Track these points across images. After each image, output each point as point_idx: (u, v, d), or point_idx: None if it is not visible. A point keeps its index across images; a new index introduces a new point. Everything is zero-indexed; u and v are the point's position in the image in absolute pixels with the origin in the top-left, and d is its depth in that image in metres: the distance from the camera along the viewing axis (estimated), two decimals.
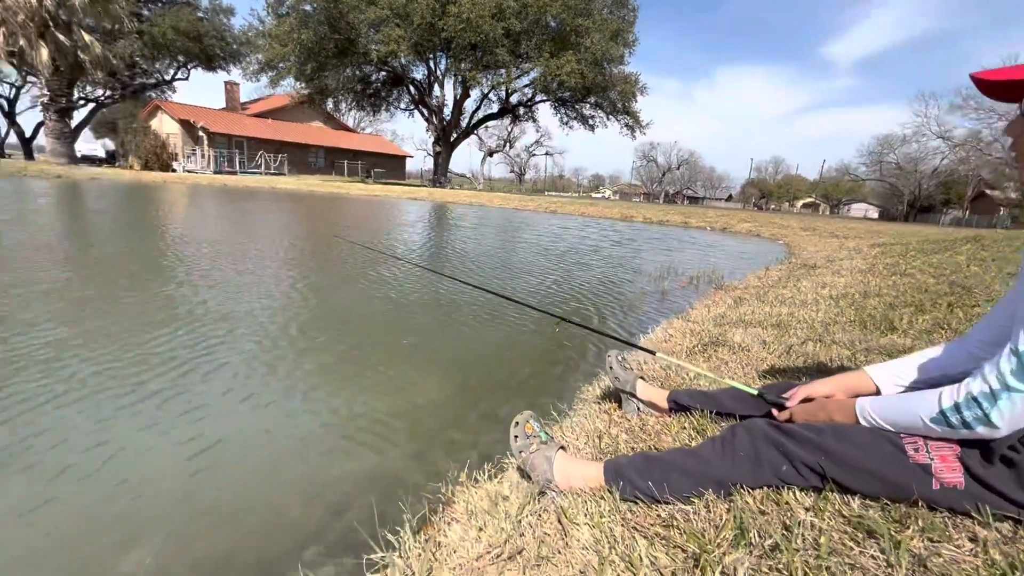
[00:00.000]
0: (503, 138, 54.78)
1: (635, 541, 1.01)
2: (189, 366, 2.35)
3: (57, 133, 24.67)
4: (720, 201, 75.99)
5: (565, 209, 19.11)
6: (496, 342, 3.08)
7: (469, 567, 1.03)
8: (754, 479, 1.07)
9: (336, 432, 1.90)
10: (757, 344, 2.35)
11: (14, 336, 2.54)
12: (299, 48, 26.88)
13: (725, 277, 5.53)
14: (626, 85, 31.21)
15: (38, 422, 1.79)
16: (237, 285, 3.96)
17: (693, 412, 1.55)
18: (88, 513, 1.39)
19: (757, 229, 14.01)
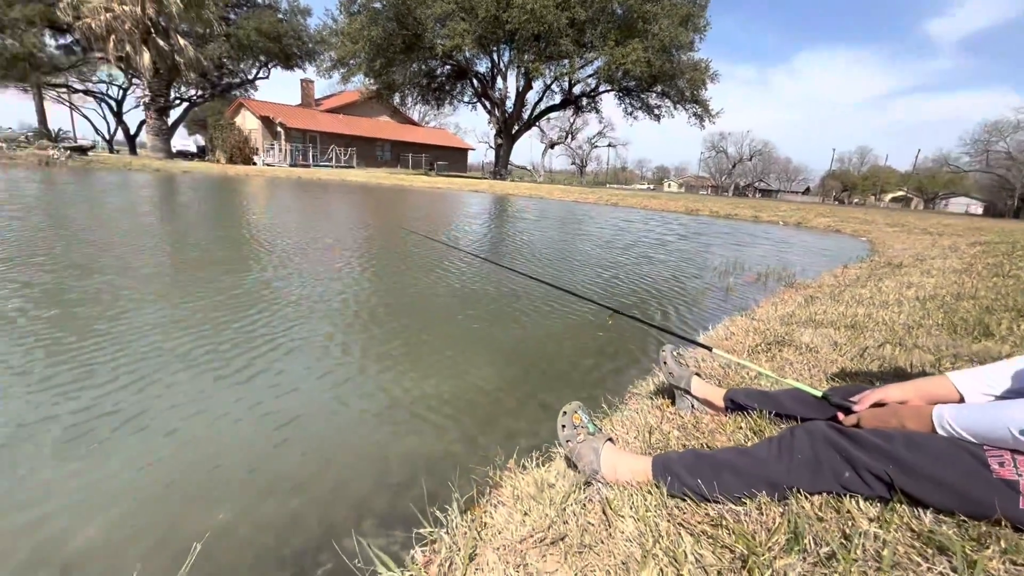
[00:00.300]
0: (565, 130, 54.29)
1: (680, 537, 0.99)
2: (271, 345, 2.54)
3: (156, 130, 27.13)
4: (796, 194, 71.32)
5: (627, 202, 18.68)
6: (551, 333, 3.09)
7: (512, 548, 1.05)
8: (812, 484, 1.02)
9: (393, 412, 1.98)
10: (827, 345, 2.21)
11: (127, 313, 2.86)
12: (369, 45, 27.91)
13: (797, 275, 5.21)
14: (695, 73, 29.90)
15: (150, 390, 2.01)
16: (314, 272, 4.21)
17: (750, 412, 1.48)
18: (181, 471, 1.55)
19: (837, 224, 13.05)
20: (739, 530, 0.97)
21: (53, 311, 2.81)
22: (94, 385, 2.00)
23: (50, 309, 2.83)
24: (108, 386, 2.00)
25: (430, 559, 1.09)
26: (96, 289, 3.26)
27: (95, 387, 1.99)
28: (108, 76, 32.36)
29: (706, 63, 30.28)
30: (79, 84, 32.24)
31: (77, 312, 2.82)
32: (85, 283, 3.38)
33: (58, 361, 2.19)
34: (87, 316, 2.76)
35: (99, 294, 3.16)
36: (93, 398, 1.90)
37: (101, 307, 2.92)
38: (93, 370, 2.12)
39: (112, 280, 3.49)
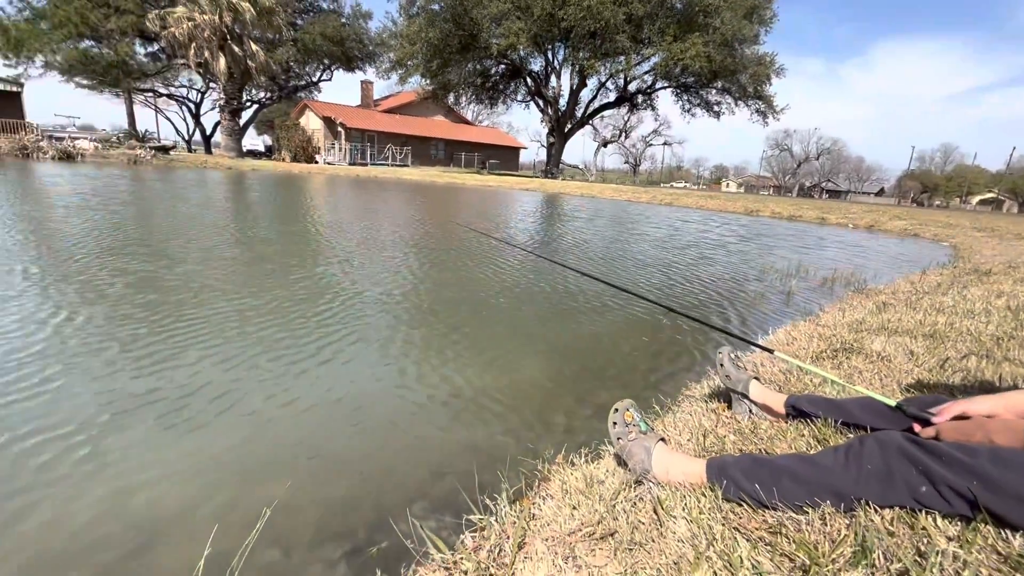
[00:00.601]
0: (618, 128, 53.36)
1: (736, 542, 0.96)
2: (337, 334, 2.66)
3: (229, 131, 28.96)
4: (868, 196, 66.74)
5: (681, 201, 18.14)
6: (604, 331, 3.06)
7: (561, 540, 1.05)
8: (883, 497, 0.96)
9: (445, 402, 2.03)
10: (902, 354, 2.06)
11: (212, 300, 3.08)
12: (426, 46, 28.57)
13: (867, 280, 4.89)
14: (759, 67, 28.60)
15: (232, 371, 2.16)
16: (373, 265, 4.37)
17: (814, 420, 1.41)
18: (251, 446, 1.66)
19: (914, 228, 12.12)
20: (800, 539, 0.93)
21: (150, 296, 3.07)
22: (183, 364, 2.18)
23: (147, 294, 3.10)
24: (196, 366, 2.17)
25: (479, 544, 1.11)
26: (186, 276, 3.54)
27: (185, 366, 2.16)
28: (188, 81, 34.88)
29: (771, 57, 28.92)
30: (163, 89, 34.90)
31: (169, 298, 3.06)
32: (175, 271, 3.67)
33: (155, 341, 2.39)
34: (176, 302, 3.00)
35: (187, 282, 3.42)
36: (183, 376, 2.07)
37: (189, 294, 3.16)
38: (184, 351, 2.31)
39: (199, 270, 3.77)
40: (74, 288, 3.12)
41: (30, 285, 3.12)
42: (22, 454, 1.53)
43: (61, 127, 32.94)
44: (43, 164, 15.19)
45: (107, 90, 30.24)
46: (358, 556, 1.24)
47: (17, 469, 1.46)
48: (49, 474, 1.45)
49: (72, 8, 24.13)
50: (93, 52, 26.61)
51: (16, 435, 1.61)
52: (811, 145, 66.89)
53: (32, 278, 3.27)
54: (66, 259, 3.80)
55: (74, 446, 1.58)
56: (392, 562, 1.19)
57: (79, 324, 2.55)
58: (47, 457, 1.52)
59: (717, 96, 32.16)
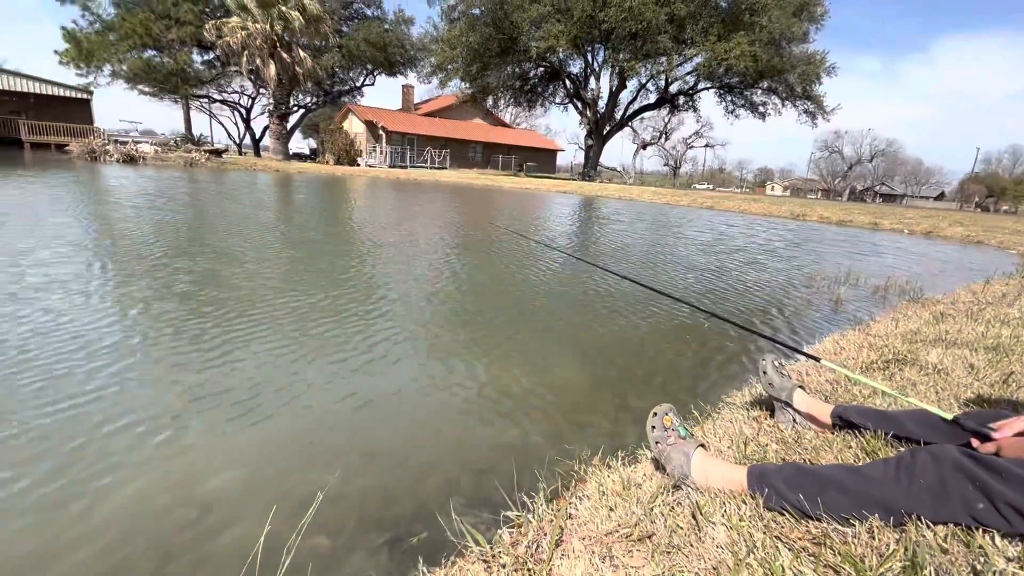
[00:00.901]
0: (658, 130, 52.47)
1: (778, 551, 0.95)
2: (371, 331, 2.75)
3: (277, 135, 30.16)
4: (926, 200, 63.16)
5: (723, 205, 17.67)
6: (644, 335, 3.03)
7: (598, 539, 1.07)
8: (936, 512, 0.93)
9: (484, 400, 2.07)
10: (961, 367, 1.96)
11: (267, 299, 3.24)
12: (466, 50, 28.92)
13: (924, 289, 4.64)
14: (809, 66, 27.48)
15: (289, 366, 2.28)
16: (417, 266, 4.48)
17: (863, 432, 1.37)
18: (302, 436, 1.74)
19: (978, 234, 11.39)
20: (846, 551, 0.91)
21: (214, 292, 3.26)
22: (246, 359, 2.31)
23: (211, 291, 3.29)
24: (256, 361, 2.30)
25: (517, 540, 1.13)
26: (245, 275, 3.73)
27: (247, 361, 2.29)
28: (240, 87, 36.55)
29: (822, 55, 27.76)
30: (217, 95, 36.70)
31: (231, 295, 3.24)
32: (236, 269, 3.87)
33: (220, 336, 2.54)
34: (237, 298, 3.16)
35: (247, 280, 3.61)
36: (247, 370, 2.20)
37: (249, 291, 3.33)
38: (246, 346, 2.45)
39: (257, 269, 3.97)
40: (146, 284, 3.35)
41: (107, 282, 3.36)
42: (108, 439, 1.66)
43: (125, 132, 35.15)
44: (109, 167, 16.25)
45: (166, 96, 32.05)
46: (400, 545, 1.29)
47: (104, 453, 1.59)
48: (130, 457, 1.57)
49: (137, 20, 25.77)
50: (155, 61, 28.29)
51: (102, 422, 1.75)
52: (864, 147, 63.88)
53: (109, 275, 3.52)
54: (138, 257, 4.07)
55: (151, 433, 1.70)
56: (432, 553, 1.23)
57: (152, 319, 2.74)
58: (128, 442, 1.64)
59: (763, 96, 31.14)
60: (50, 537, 1.25)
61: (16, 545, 1.22)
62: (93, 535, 1.26)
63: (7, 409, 1.76)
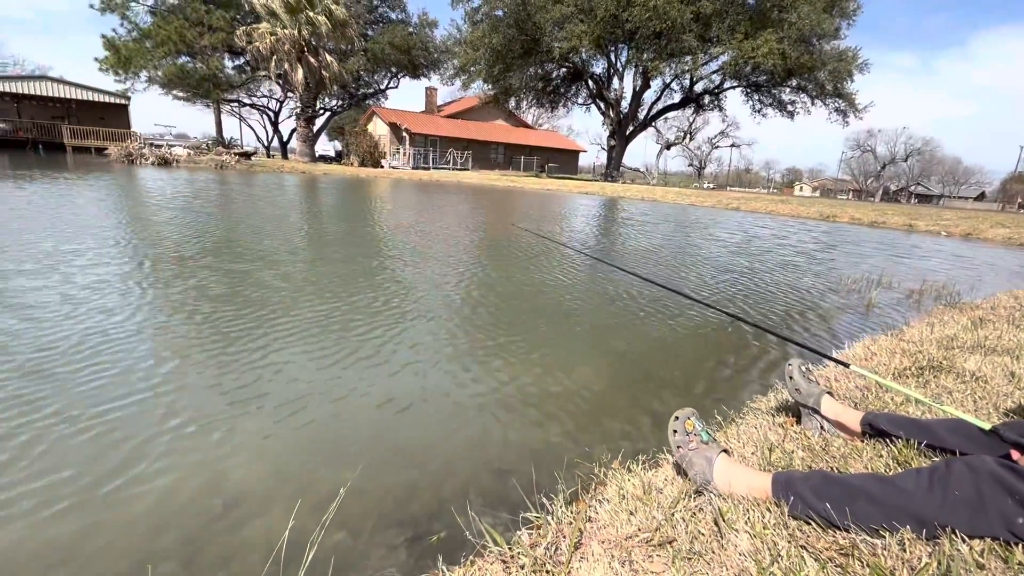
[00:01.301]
0: (683, 130, 51.73)
1: (803, 560, 0.93)
2: (395, 330, 2.79)
3: (304, 137, 30.79)
4: (966, 200, 60.75)
5: (750, 206, 17.32)
6: (667, 338, 3.00)
7: (617, 543, 1.06)
8: (971, 526, 0.89)
9: (503, 402, 2.07)
10: (1001, 375, 1.88)
11: (301, 298, 3.32)
12: (489, 52, 29.08)
13: (962, 293, 4.47)
14: (840, 63, 26.76)
15: (317, 364, 2.33)
16: (441, 267, 4.52)
17: (894, 441, 1.32)
18: (327, 432, 1.78)
19: (1022, 237, 10.90)
20: (875, 563, 0.88)
21: (248, 292, 3.35)
22: (277, 358, 2.36)
23: (245, 291, 3.39)
24: (287, 359, 2.35)
25: (536, 541, 1.13)
26: (278, 275, 3.83)
27: (277, 359, 2.35)
28: (269, 91, 37.49)
29: (853, 52, 27.01)
30: (247, 99, 37.71)
31: (264, 296, 3.32)
32: (269, 271, 3.97)
33: (252, 334, 2.61)
34: (268, 299, 3.25)
35: (280, 280, 3.70)
36: (277, 368, 2.25)
37: (280, 292, 3.42)
38: (277, 344, 2.51)
39: (289, 270, 4.07)
40: (185, 285, 3.46)
41: (149, 283, 3.49)
42: (143, 434, 1.72)
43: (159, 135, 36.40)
44: (145, 169, 16.84)
45: (199, 101, 33.08)
46: (419, 543, 1.30)
47: (138, 448, 1.65)
48: (163, 451, 1.63)
49: (172, 28, 26.70)
50: (188, 67, 29.27)
51: (138, 418, 1.82)
52: (898, 146, 61.81)
53: (150, 276, 3.66)
54: (176, 259, 4.21)
55: (183, 428, 1.76)
56: (451, 552, 1.24)
57: (187, 319, 2.83)
58: (161, 437, 1.70)
59: (791, 95, 30.46)
60: (86, 525, 1.30)
61: (52, 531, 1.28)
62: (126, 526, 1.31)
63: (40, 396, 1.84)
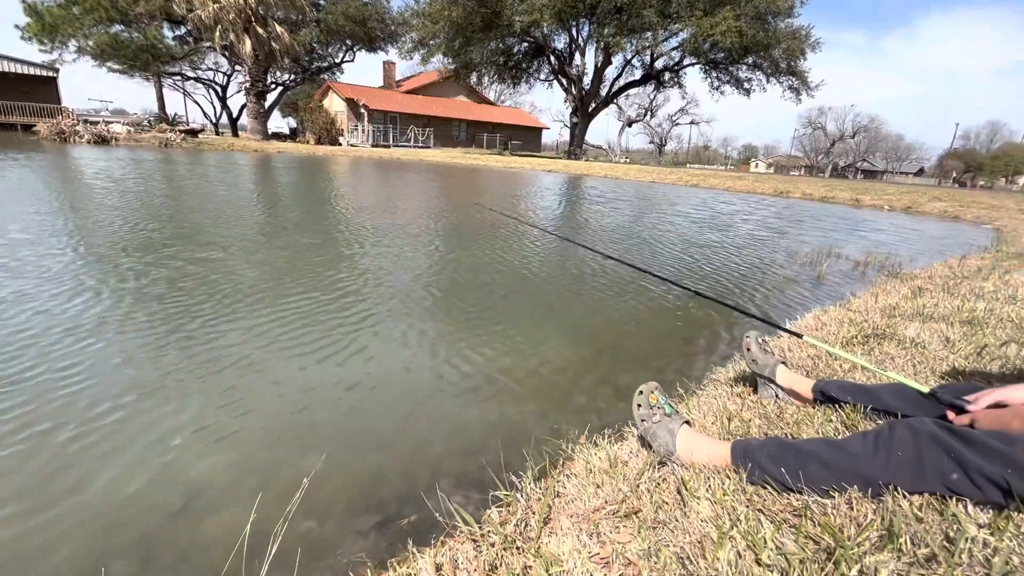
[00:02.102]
0: (644, 107, 52.06)
1: (760, 523, 0.97)
2: (358, 313, 2.73)
3: (255, 113, 29.33)
4: (907, 176, 64.06)
5: (708, 183, 17.73)
6: (627, 313, 3.05)
7: (585, 516, 1.08)
8: (913, 484, 0.95)
9: (469, 383, 2.07)
10: (937, 341, 2.01)
11: (252, 282, 3.19)
12: (449, 24, 28.20)
13: (903, 264, 4.74)
14: (794, 41, 27.37)
15: (272, 348, 2.24)
16: (404, 248, 4.43)
17: (843, 406, 1.40)
18: (286, 419, 1.73)
19: (955, 210, 11.62)
20: (825, 522, 0.93)
21: (199, 277, 3.19)
22: (227, 342, 2.27)
23: (197, 275, 3.22)
24: (238, 344, 2.26)
25: (506, 519, 1.14)
26: (232, 259, 3.65)
27: (227, 344, 2.25)
28: (215, 64, 35.35)
29: (806, 30, 27.66)
30: (191, 72, 35.44)
31: (212, 280, 3.17)
32: (219, 255, 3.79)
33: (201, 320, 2.49)
34: (218, 283, 3.10)
35: (230, 263, 3.53)
36: (227, 354, 2.16)
37: (232, 276, 3.27)
38: (226, 328, 2.40)
39: (242, 253, 3.89)
40: (131, 270, 3.26)
41: (92, 267, 3.27)
42: (87, 426, 1.62)
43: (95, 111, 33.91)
44: (80, 148, 15.68)
45: (137, 74, 30.91)
46: (389, 527, 1.29)
47: (72, 442, 1.56)
48: (110, 445, 1.54)
49: None
50: (123, 36, 27.16)
51: (80, 408, 1.71)
52: (847, 123, 64.22)
53: (97, 260, 3.42)
54: (124, 242, 3.96)
55: (133, 422, 1.67)
56: (422, 534, 1.24)
57: (135, 304, 2.67)
58: (106, 429, 1.61)
59: (748, 72, 31.03)
60: (30, 532, 1.23)
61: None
62: (75, 528, 1.24)
63: None
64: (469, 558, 1.02)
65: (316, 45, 32.29)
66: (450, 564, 1.02)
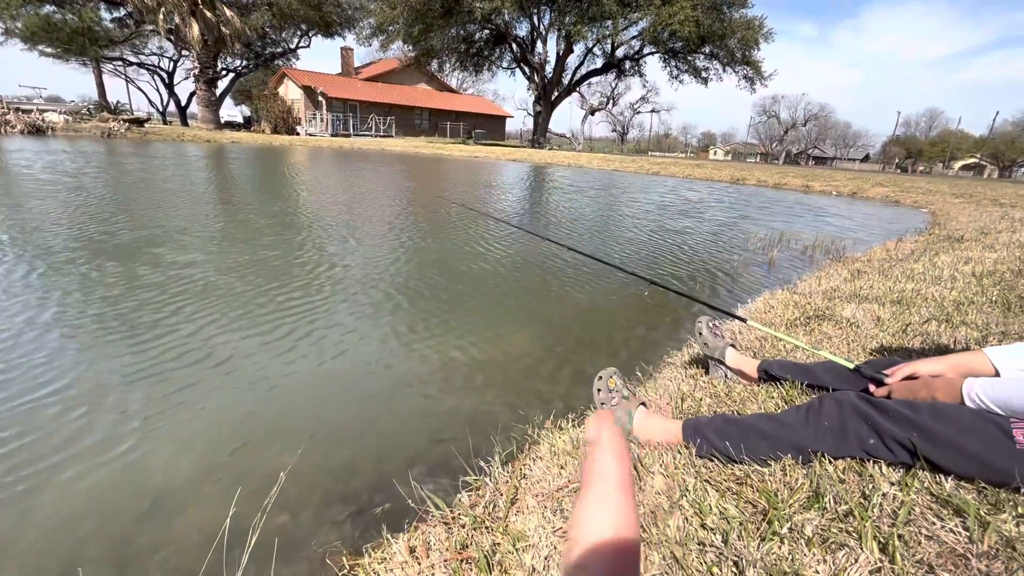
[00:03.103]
0: (606, 95, 52.48)
1: (706, 492, 1.07)
2: (325, 308, 2.72)
3: (206, 101, 28.00)
4: (853, 162, 67.07)
5: (668, 171, 18.14)
6: (586, 302, 3.15)
7: (549, 495, 1.16)
8: (837, 450, 1.07)
9: (436, 374, 2.12)
10: (869, 320, 2.18)
11: (212, 279, 3.11)
12: (407, 10, 27.62)
13: (846, 248, 5.04)
14: (748, 31, 28.16)
15: (236, 345, 2.22)
16: (367, 242, 4.39)
17: (783, 383, 1.53)
18: (254, 416, 1.74)
19: (896, 195, 12.32)
20: (763, 488, 1.04)
21: (155, 277, 3.09)
22: (189, 340, 2.23)
23: (155, 273, 3.11)
24: (200, 341, 2.22)
25: (475, 502, 1.21)
26: (190, 256, 3.54)
27: (189, 342, 2.21)
28: (159, 48, 33.43)
29: (760, 21, 28.47)
30: (133, 57, 33.44)
31: (173, 277, 3.08)
32: (179, 253, 3.66)
33: (161, 318, 2.43)
34: (179, 279, 3.02)
35: (189, 261, 3.43)
36: (189, 351, 2.12)
37: (192, 274, 3.18)
38: (188, 326, 2.35)
39: (201, 249, 3.77)
40: (83, 268, 3.12)
41: (41, 267, 3.11)
42: (46, 432, 1.59)
43: (27, 98, 31.58)
44: (12, 139, 14.65)
45: (74, 59, 28.92)
46: (363, 516, 1.34)
47: (35, 444, 1.53)
48: (66, 447, 1.52)
49: None
50: (56, 18, 25.33)
51: (44, 414, 1.67)
52: (799, 111, 66.65)
53: (46, 259, 3.26)
54: (74, 239, 3.77)
55: (88, 420, 1.64)
56: (395, 520, 1.29)
57: (102, 307, 2.58)
58: (68, 434, 1.58)
59: (705, 62, 31.77)
60: None
61: None
62: (42, 537, 1.24)
63: None
64: (441, 539, 1.08)
65: (269, 30, 30.97)
66: (423, 547, 1.08)
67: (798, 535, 0.91)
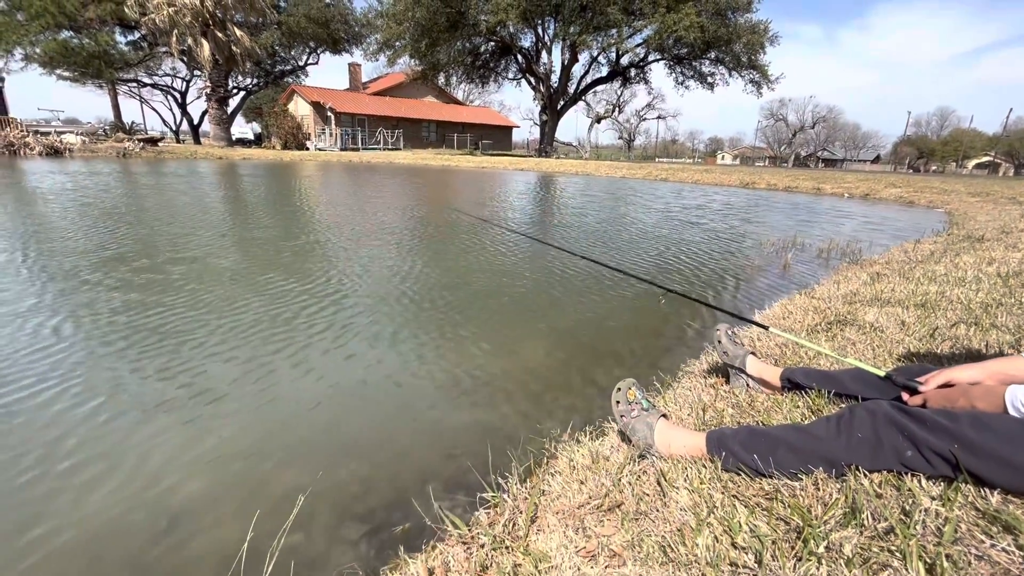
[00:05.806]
0: (611, 103, 52.59)
1: (735, 508, 1.03)
2: (340, 324, 2.71)
3: (217, 119, 28.53)
4: (864, 163, 66.43)
5: (677, 177, 18.07)
6: (602, 312, 3.11)
7: (571, 513, 1.12)
8: (872, 462, 1.02)
9: (454, 387, 2.09)
10: (894, 325, 2.12)
11: (228, 296, 3.12)
12: (414, 25, 27.99)
13: (863, 251, 4.95)
14: (753, 36, 28.12)
15: (251, 365, 2.21)
16: (380, 255, 4.40)
17: (808, 392, 1.47)
18: (271, 435, 1.72)
19: (910, 195, 12.14)
20: (795, 504, 1.00)
21: (170, 297, 3.11)
22: (206, 361, 2.23)
23: (166, 295, 3.14)
24: (216, 362, 2.22)
25: (494, 520, 1.18)
26: (209, 272, 3.57)
27: (206, 363, 2.21)
28: (172, 69, 34.19)
29: (765, 24, 28.44)
30: (147, 78, 34.21)
31: (187, 295, 3.10)
32: (193, 268, 3.70)
33: (177, 339, 2.44)
34: (194, 297, 3.03)
35: (205, 277, 3.46)
36: (206, 373, 2.12)
37: (210, 290, 3.20)
38: (205, 347, 2.36)
39: (218, 265, 3.80)
40: (103, 288, 3.16)
41: (66, 286, 3.15)
42: (53, 451, 1.59)
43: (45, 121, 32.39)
44: (32, 161, 15.01)
45: (90, 82, 29.64)
46: (380, 535, 1.31)
47: (50, 465, 1.52)
48: (84, 463, 1.51)
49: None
50: (73, 43, 26.01)
51: (45, 433, 1.67)
52: (807, 114, 66.28)
53: (69, 278, 3.30)
54: (96, 258, 3.83)
55: (105, 442, 1.64)
56: (412, 540, 1.26)
57: (117, 324, 2.60)
58: (88, 454, 1.58)
59: (710, 67, 31.73)
60: (4, 560, 1.20)
61: None
62: (53, 559, 1.22)
63: None
64: (460, 560, 1.05)
65: (278, 48, 31.59)
66: (441, 567, 1.04)
67: (836, 555, 0.86)
